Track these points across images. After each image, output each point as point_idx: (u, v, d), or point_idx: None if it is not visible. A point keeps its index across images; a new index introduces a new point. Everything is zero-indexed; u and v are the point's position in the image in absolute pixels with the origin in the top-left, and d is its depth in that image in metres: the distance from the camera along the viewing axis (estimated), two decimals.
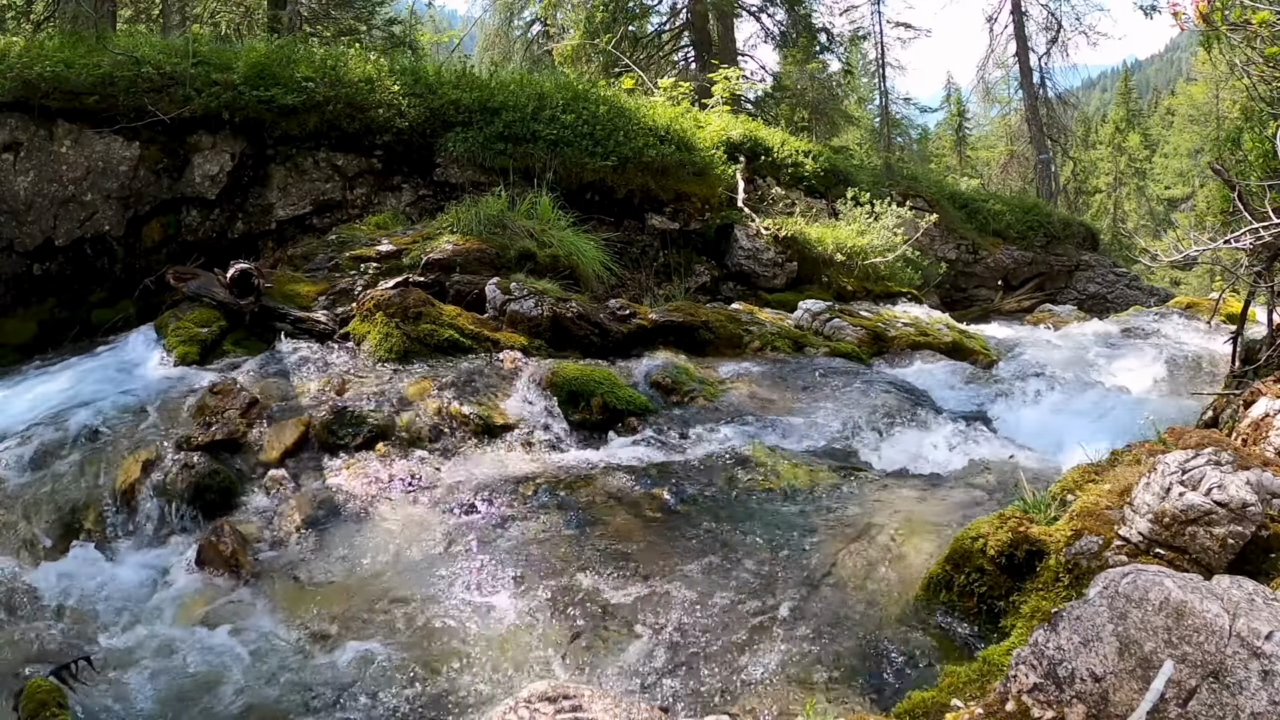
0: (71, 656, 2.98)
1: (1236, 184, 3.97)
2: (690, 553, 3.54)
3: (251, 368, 5.30)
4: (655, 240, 8.91)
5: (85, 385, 5.28)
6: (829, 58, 20.14)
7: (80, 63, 7.51)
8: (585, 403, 5.00)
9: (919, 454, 4.67)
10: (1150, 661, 1.84)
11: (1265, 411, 3.20)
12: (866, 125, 25.22)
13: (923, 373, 6.37)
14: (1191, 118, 36.52)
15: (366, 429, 4.55)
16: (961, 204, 14.04)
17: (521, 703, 1.93)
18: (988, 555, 2.82)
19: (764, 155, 11.17)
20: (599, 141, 8.48)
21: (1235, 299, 6.06)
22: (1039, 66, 22.49)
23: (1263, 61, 4.00)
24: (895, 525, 3.64)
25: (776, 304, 8.18)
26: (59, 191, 7.39)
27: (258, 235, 7.86)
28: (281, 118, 7.80)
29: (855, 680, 2.73)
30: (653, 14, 19.58)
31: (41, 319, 7.33)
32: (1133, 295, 13.16)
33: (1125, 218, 35.48)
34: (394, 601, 3.35)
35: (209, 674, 2.98)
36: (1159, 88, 59.01)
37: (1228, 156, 5.13)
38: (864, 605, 3.08)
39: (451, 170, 8.29)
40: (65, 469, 4.33)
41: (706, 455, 4.54)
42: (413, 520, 3.91)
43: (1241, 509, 2.45)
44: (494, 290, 6.25)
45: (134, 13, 15.59)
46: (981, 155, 33.73)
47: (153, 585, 3.59)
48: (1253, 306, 4.64)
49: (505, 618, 3.19)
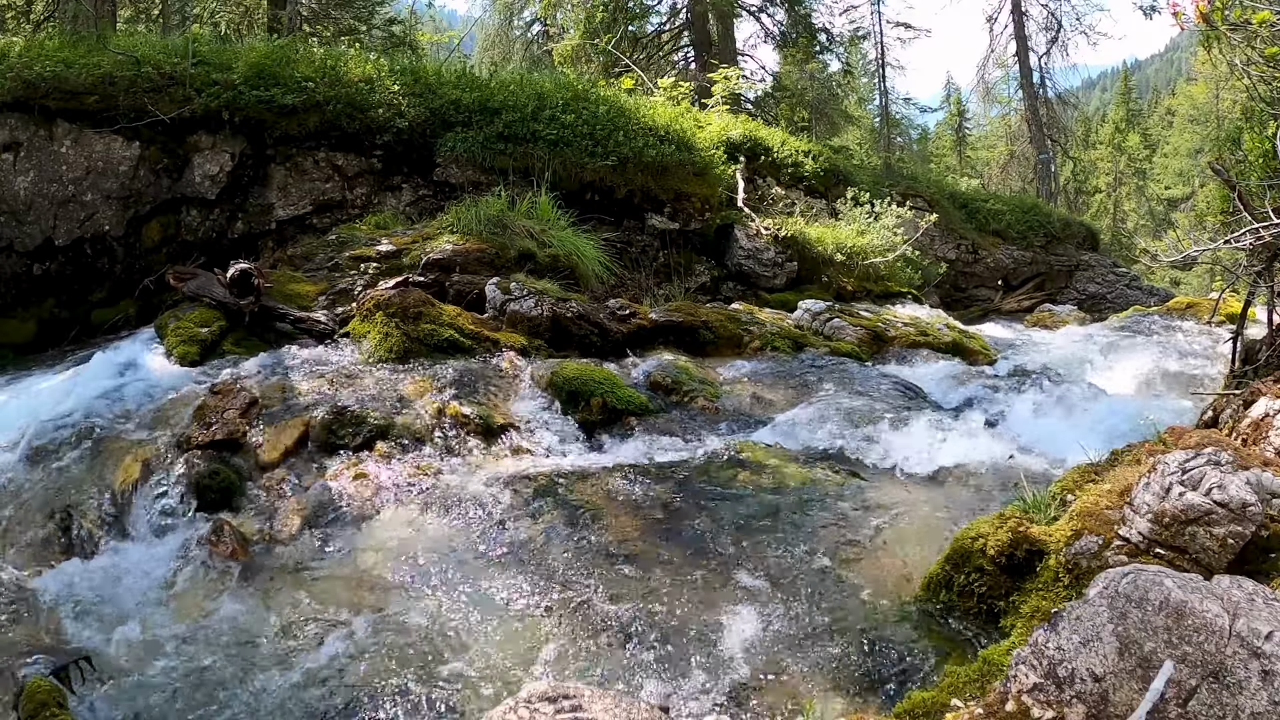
0: (71, 656, 2.98)
1: (1236, 184, 3.97)
2: (690, 553, 3.54)
3: (251, 368, 5.30)
4: (655, 240, 8.92)
5: (85, 385, 5.27)
6: (829, 58, 20.18)
7: (80, 63, 7.52)
8: (585, 403, 5.00)
9: (919, 454, 4.66)
10: (1150, 661, 1.84)
11: (1265, 411, 3.20)
12: (866, 125, 25.21)
13: (923, 372, 6.37)
14: (1191, 118, 36.56)
15: (366, 429, 4.55)
16: (961, 204, 14.04)
17: (521, 703, 1.93)
18: (988, 555, 2.82)
19: (764, 155, 11.17)
20: (599, 141, 8.48)
21: (1235, 299, 6.06)
22: (1039, 66, 22.51)
23: (1263, 61, 3.99)
24: (895, 525, 3.65)
25: (776, 304, 8.17)
26: (59, 191, 7.40)
27: (258, 235, 7.87)
28: (281, 118, 7.81)
29: (855, 680, 2.74)
30: (653, 14, 19.61)
31: (41, 319, 7.35)
32: (1133, 295, 13.16)
33: (1125, 218, 35.48)
34: (394, 601, 3.36)
35: (208, 673, 2.98)
36: (1159, 88, 59.01)
37: (1228, 156, 5.13)
38: (864, 605, 3.08)
39: (451, 170, 8.29)
40: (64, 469, 4.33)
41: (706, 455, 4.54)
42: (412, 520, 3.91)
43: (1241, 509, 2.45)
44: (494, 290, 6.25)
45: (134, 13, 15.59)
46: (981, 155, 33.74)
47: (152, 584, 3.58)
48: (1253, 306, 4.63)
49: (505, 617, 3.19)
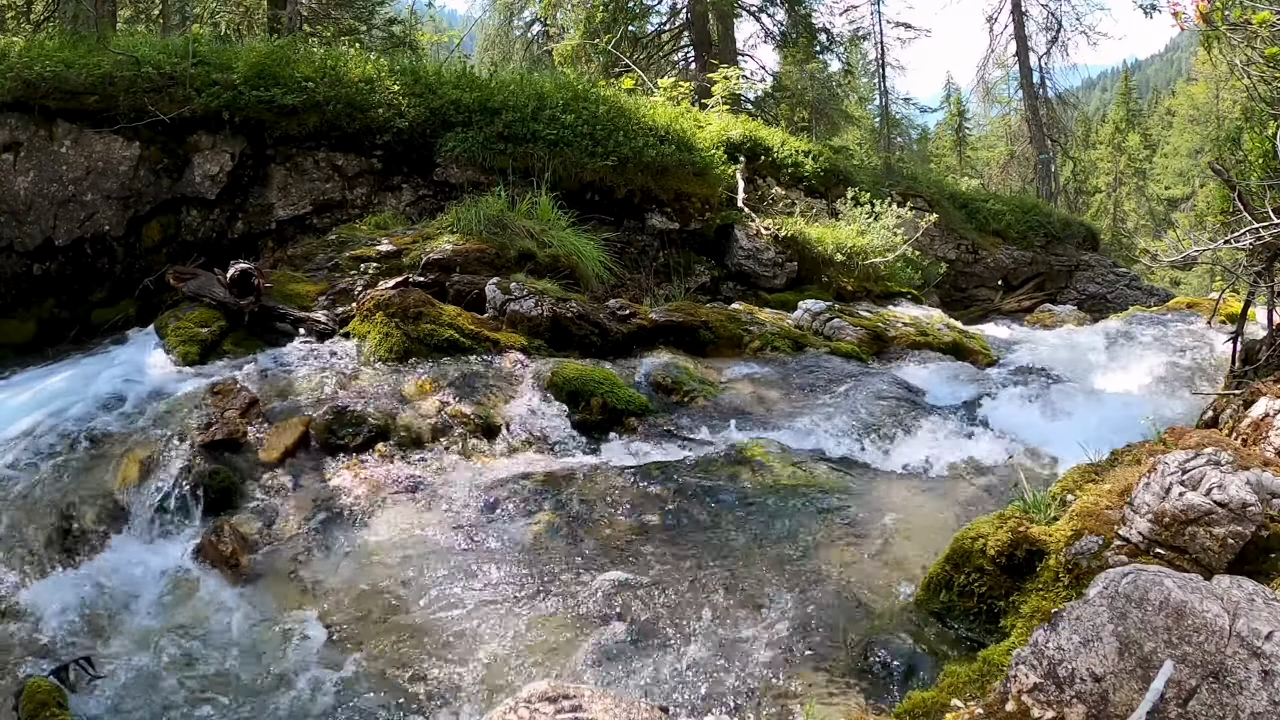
0: (71, 656, 2.98)
1: (1236, 184, 3.97)
2: (690, 553, 3.54)
3: (251, 368, 5.30)
4: (655, 240, 8.91)
5: (85, 385, 5.27)
6: (829, 58, 20.15)
7: (80, 63, 7.51)
8: (585, 403, 5.00)
9: (919, 453, 4.66)
10: (1150, 661, 1.84)
11: (1265, 411, 3.20)
12: (866, 125, 25.18)
13: (923, 373, 6.37)
14: (1191, 118, 36.54)
15: (366, 429, 4.55)
16: (961, 204, 14.02)
17: (521, 703, 1.93)
18: (988, 555, 2.82)
19: (764, 155, 11.16)
20: (599, 141, 8.48)
21: (1235, 299, 6.06)
22: (1039, 66, 22.49)
23: (1263, 61, 3.99)
24: (895, 525, 3.65)
25: (776, 304, 8.17)
26: (59, 191, 7.39)
27: (258, 235, 7.86)
28: (281, 118, 7.80)
29: (855, 680, 2.74)
30: (653, 14, 19.58)
31: (41, 319, 7.34)
32: (1133, 295, 13.15)
33: (1125, 218, 35.47)
34: (393, 601, 3.36)
35: (208, 673, 2.98)
36: (1159, 88, 58.99)
37: (1228, 156, 5.13)
38: (864, 605, 3.08)
39: (451, 170, 8.29)
40: (64, 469, 4.33)
41: (706, 455, 4.54)
42: (412, 520, 3.91)
43: (1241, 509, 2.45)
44: (494, 290, 6.25)
45: (134, 13, 15.59)
46: (981, 155, 33.72)
47: (152, 585, 3.58)
48: (1253, 306, 4.63)
49: (505, 617, 3.19)
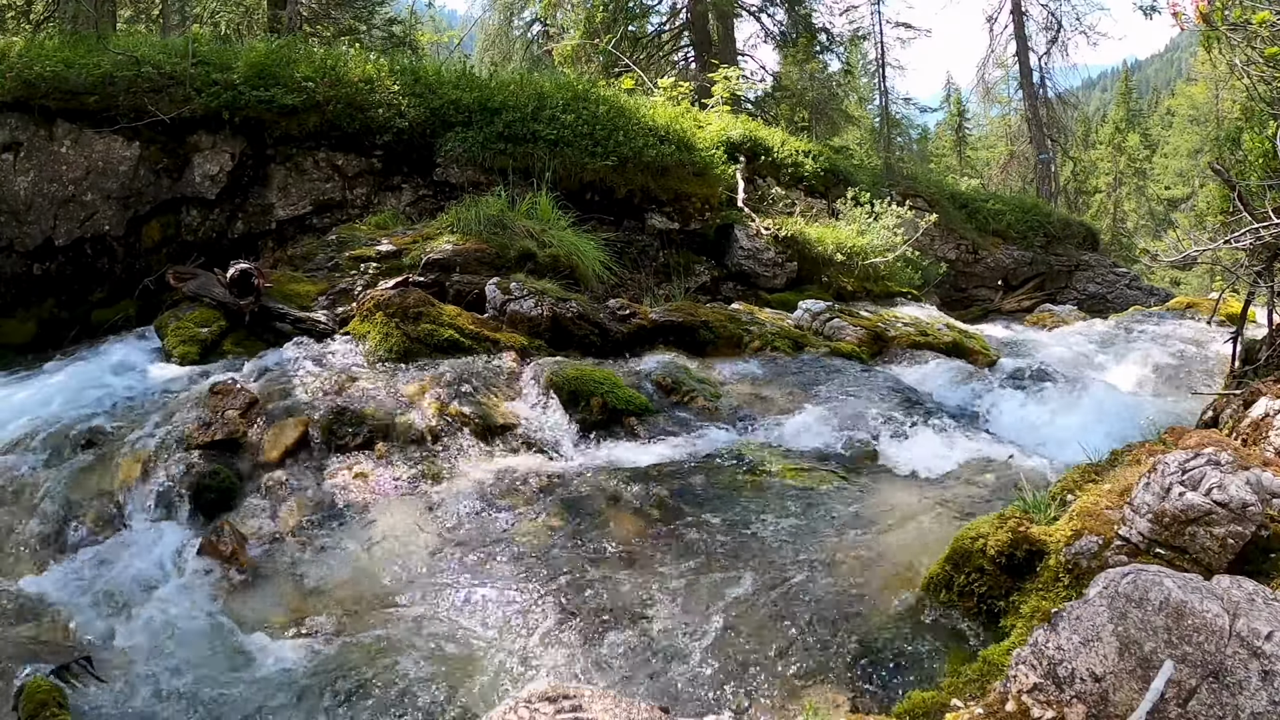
0: (71, 656, 2.98)
1: (1236, 184, 3.97)
2: (689, 553, 3.54)
3: (251, 368, 5.30)
4: (655, 240, 8.91)
5: (85, 385, 5.28)
6: (829, 58, 20.12)
7: (80, 63, 7.52)
8: (585, 403, 5.00)
9: (918, 454, 4.67)
10: (1150, 661, 1.84)
11: (1265, 411, 3.20)
12: (866, 125, 25.17)
13: (923, 373, 6.37)
14: (1191, 118, 36.53)
15: (366, 429, 4.55)
16: (961, 204, 14.01)
17: (521, 703, 1.93)
18: (988, 555, 2.82)
19: (764, 155, 11.16)
20: (599, 141, 8.48)
21: (1235, 299, 6.06)
22: (1039, 66, 22.46)
23: (1263, 61, 3.99)
24: (894, 525, 3.65)
25: (776, 304, 8.17)
26: (59, 191, 7.40)
27: (258, 235, 7.86)
28: (281, 118, 7.81)
29: (855, 680, 2.73)
30: (653, 14, 19.57)
31: (41, 319, 7.35)
32: (1133, 295, 13.14)
33: (1125, 218, 35.46)
34: (393, 601, 3.36)
35: (207, 673, 2.98)
36: (1159, 88, 59.00)
37: (1228, 156, 5.13)
38: (863, 605, 3.08)
39: (451, 170, 8.29)
40: (64, 469, 4.33)
41: (706, 455, 4.54)
42: (412, 520, 3.91)
43: (1241, 509, 2.45)
44: (494, 290, 6.25)
45: (134, 13, 15.60)
46: (981, 155, 33.71)
47: (152, 584, 3.58)
48: (1253, 306, 4.64)
49: (505, 617, 3.19)
